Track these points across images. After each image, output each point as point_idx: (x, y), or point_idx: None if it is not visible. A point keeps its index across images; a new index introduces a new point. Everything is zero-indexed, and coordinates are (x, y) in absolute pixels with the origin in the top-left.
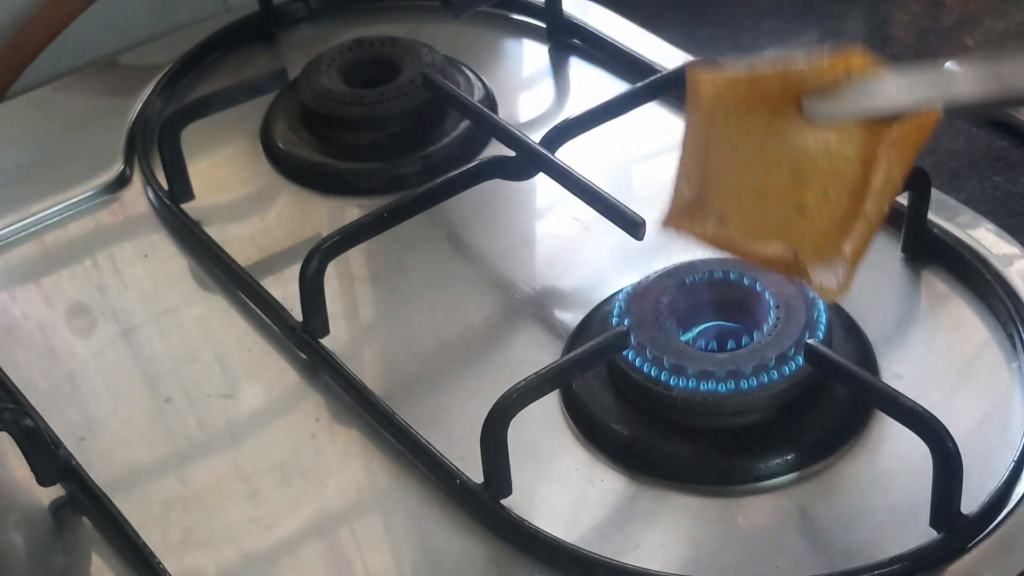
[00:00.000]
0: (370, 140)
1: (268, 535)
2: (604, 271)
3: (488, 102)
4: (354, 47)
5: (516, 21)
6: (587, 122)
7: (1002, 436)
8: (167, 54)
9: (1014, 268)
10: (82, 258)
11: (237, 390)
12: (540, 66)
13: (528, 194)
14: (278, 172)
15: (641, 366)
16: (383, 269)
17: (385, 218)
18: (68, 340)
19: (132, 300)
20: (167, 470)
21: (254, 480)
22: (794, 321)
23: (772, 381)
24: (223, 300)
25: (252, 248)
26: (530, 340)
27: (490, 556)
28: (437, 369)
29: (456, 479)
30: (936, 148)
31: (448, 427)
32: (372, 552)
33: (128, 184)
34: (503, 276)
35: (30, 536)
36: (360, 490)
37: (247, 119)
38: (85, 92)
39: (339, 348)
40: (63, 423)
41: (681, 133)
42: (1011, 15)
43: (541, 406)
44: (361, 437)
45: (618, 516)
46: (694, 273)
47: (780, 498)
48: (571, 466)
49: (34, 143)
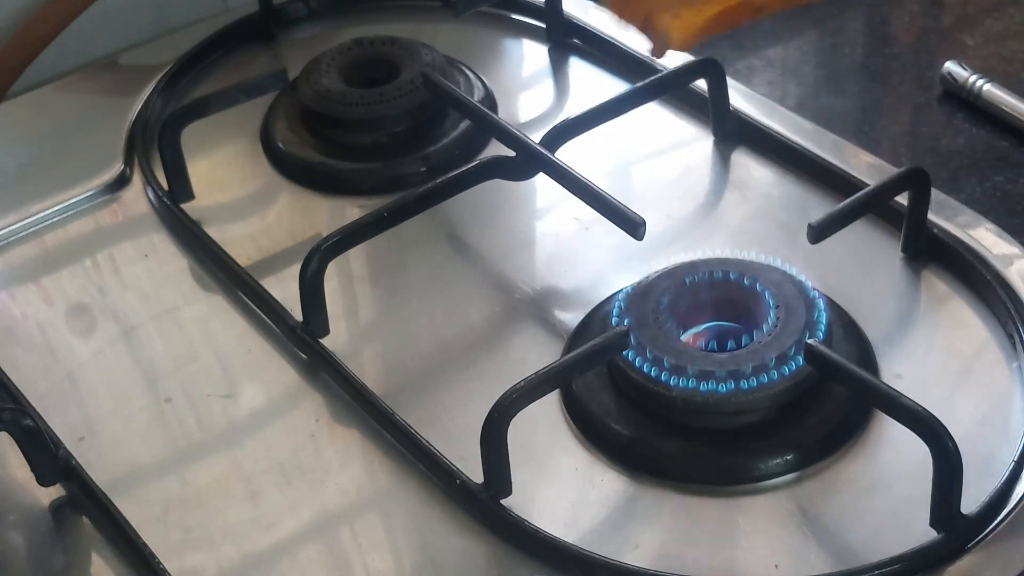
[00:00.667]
0: (370, 140)
1: (268, 535)
2: (604, 271)
3: (488, 102)
4: (354, 47)
5: (516, 21)
6: (587, 122)
7: (1002, 436)
8: (167, 54)
9: (1014, 268)
10: (82, 258)
11: (237, 390)
12: (540, 66)
13: (528, 194)
14: (278, 172)
15: (641, 366)
16: (383, 269)
17: (385, 218)
18: (68, 340)
19: (132, 300)
20: (167, 470)
21: (254, 480)
22: (794, 321)
23: (772, 381)
24: (223, 300)
25: (252, 248)
26: (530, 340)
27: (490, 556)
28: (437, 369)
29: (456, 479)
30: (936, 148)
31: (448, 427)
32: (372, 552)
33: (128, 184)
34: (503, 276)
35: (30, 536)
36: (360, 490)
37: (247, 119)
38: (85, 92)
39: (339, 348)
40: (63, 423)
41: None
42: (1011, 15)
43: (541, 406)
44: (361, 437)
45: (618, 516)
46: (694, 273)
47: (780, 498)
48: (571, 466)
49: (34, 143)
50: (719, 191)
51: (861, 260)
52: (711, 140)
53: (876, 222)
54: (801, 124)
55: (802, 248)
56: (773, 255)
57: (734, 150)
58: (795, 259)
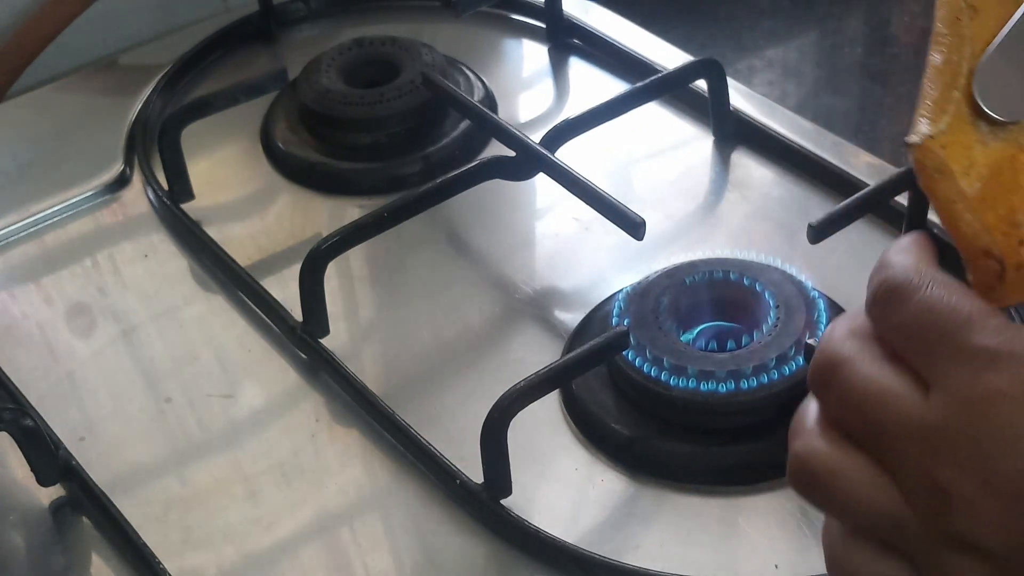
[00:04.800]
0: (370, 140)
1: (268, 535)
2: (604, 271)
3: (488, 102)
4: (354, 47)
5: (516, 21)
6: (587, 122)
7: None
8: (167, 54)
9: None
10: (82, 258)
11: (237, 390)
12: (540, 66)
13: (528, 194)
14: (278, 172)
15: (641, 366)
16: (383, 269)
17: (385, 218)
18: (68, 340)
19: (132, 300)
20: (167, 470)
21: (254, 480)
22: (794, 321)
23: (772, 381)
24: (223, 300)
25: (252, 248)
26: (530, 340)
27: (490, 556)
28: (437, 369)
29: (456, 479)
30: None
31: (448, 427)
32: (372, 552)
33: (128, 184)
34: (503, 276)
35: (30, 536)
36: (360, 490)
37: (247, 119)
38: (85, 92)
39: (339, 348)
40: (63, 423)
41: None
42: None
43: (541, 406)
44: (361, 437)
45: (618, 516)
46: (694, 273)
47: (780, 498)
48: (571, 466)
49: (34, 143)
50: (719, 191)
51: (861, 260)
52: (711, 140)
53: (876, 222)
54: (801, 124)
55: (802, 248)
56: (773, 255)
57: (734, 150)
58: (795, 259)
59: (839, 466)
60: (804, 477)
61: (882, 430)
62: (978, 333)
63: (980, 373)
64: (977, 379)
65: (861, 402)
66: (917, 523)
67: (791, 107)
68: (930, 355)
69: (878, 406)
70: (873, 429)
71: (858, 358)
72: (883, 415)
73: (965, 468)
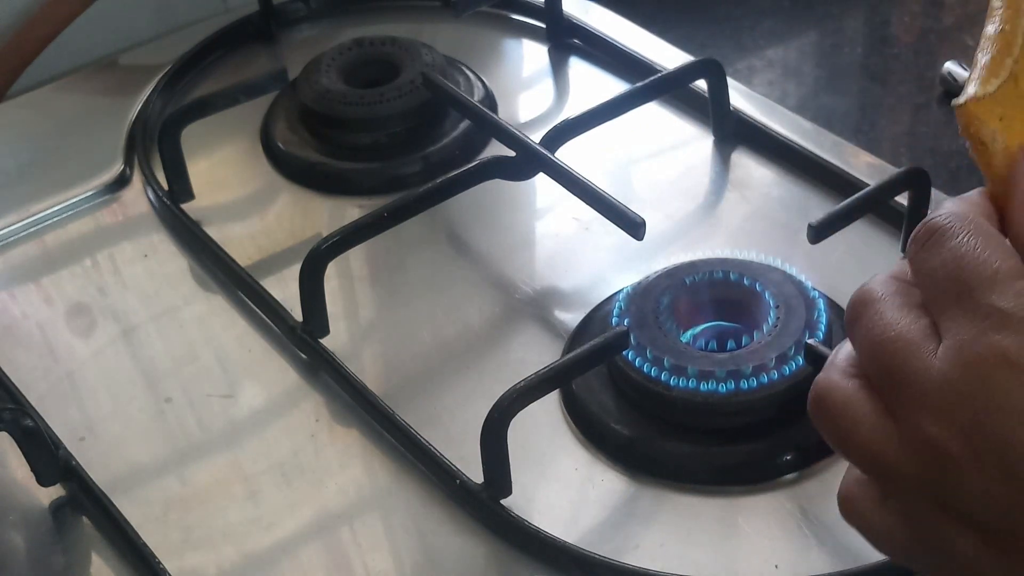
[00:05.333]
0: (370, 140)
1: (268, 535)
2: (604, 271)
3: (488, 102)
4: (354, 47)
5: (516, 21)
6: (587, 122)
7: None
8: (167, 54)
9: None
10: (82, 258)
11: (237, 390)
12: (540, 66)
13: (528, 194)
14: (278, 172)
15: (641, 366)
16: (383, 269)
17: (385, 218)
18: (68, 340)
19: (132, 300)
20: (167, 470)
21: (254, 480)
22: (794, 321)
23: (772, 381)
24: (223, 300)
25: (252, 248)
26: (530, 340)
27: (490, 556)
28: (437, 369)
29: (456, 479)
30: (936, 148)
31: (448, 427)
32: (372, 552)
33: (128, 184)
34: (503, 276)
35: (30, 536)
36: (360, 490)
37: (247, 119)
38: (85, 92)
39: (339, 348)
40: (63, 423)
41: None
42: None
43: (541, 406)
44: (361, 437)
45: (618, 516)
46: (694, 273)
47: (780, 498)
48: (571, 466)
49: (34, 143)
50: (719, 191)
51: (861, 260)
52: (711, 140)
53: (876, 222)
54: (801, 124)
55: (802, 248)
56: (773, 255)
57: (734, 150)
58: (795, 259)
59: (849, 404)
60: (817, 408)
61: (891, 377)
62: (998, 293)
63: (988, 333)
64: (983, 338)
65: (877, 345)
66: (912, 479)
67: (791, 107)
68: (947, 306)
69: (891, 352)
70: (885, 374)
71: (887, 300)
72: (893, 362)
73: (956, 429)
